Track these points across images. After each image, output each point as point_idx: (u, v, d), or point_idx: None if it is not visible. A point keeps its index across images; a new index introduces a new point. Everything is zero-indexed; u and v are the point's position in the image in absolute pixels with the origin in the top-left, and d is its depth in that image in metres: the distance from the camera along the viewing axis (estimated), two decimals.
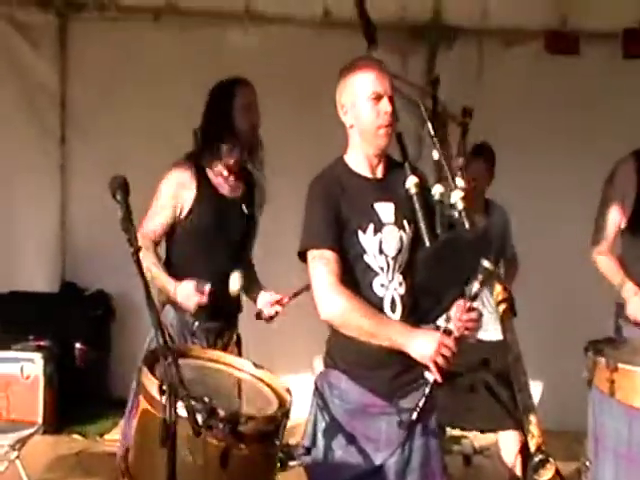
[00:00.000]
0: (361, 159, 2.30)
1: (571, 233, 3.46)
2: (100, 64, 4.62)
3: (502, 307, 3.40)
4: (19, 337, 4.27)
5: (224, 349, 2.85)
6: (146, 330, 2.58)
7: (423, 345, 2.12)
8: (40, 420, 4.06)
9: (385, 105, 2.24)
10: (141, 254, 2.75)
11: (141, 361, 2.21)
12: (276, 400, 2.21)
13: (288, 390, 2.24)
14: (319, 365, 2.50)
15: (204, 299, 2.74)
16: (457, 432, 3.88)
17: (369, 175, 2.31)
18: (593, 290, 3.35)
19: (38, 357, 4.17)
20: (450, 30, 4.52)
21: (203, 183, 2.90)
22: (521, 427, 3.32)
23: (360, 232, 2.22)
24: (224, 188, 2.97)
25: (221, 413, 1.93)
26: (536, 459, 3.36)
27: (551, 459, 3.33)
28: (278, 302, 2.95)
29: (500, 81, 4.44)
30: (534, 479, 3.33)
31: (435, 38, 4.53)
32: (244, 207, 3.01)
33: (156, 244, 2.91)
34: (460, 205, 2.33)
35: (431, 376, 2.14)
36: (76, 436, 4.22)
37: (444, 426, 3.75)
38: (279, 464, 3.88)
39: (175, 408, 1.94)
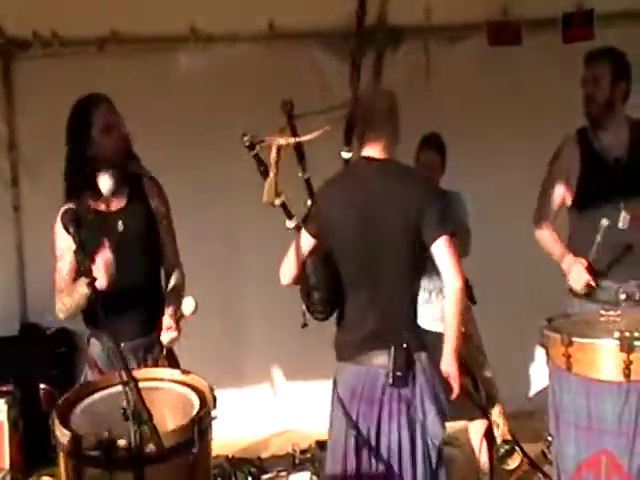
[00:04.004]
0: None
1: (525, 222, 3.83)
2: (47, 101, 4.79)
3: None
4: None
5: (155, 363, 3.14)
6: None
7: None
8: (7, 466, 4.38)
9: None
10: (57, 301, 3.16)
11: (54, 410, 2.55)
12: (198, 402, 2.59)
13: (212, 389, 2.65)
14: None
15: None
16: None
17: None
18: (553, 271, 3.71)
19: (1, 403, 4.47)
20: (395, 31, 4.89)
21: (83, 209, 3.08)
22: (487, 415, 3.67)
23: None
24: (102, 205, 3.19)
25: (121, 444, 2.28)
26: (502, 450, 3.71)
27: (517, 448, 3.68)
28: (170, 327, 3.12)
29: (447, 77, 4.81)
30: (502, 469, 3.67)
31: (381, 40, 4.88)
32: (120, 223, 3.18)
33: None
34: None
35: None
36: (46, 478, 4.44)
37: None
38: (250, 479, 4.28)
39: (140, 432, 2.26)
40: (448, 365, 3.03)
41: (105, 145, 3.15)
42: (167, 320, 3.12)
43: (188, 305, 3.10)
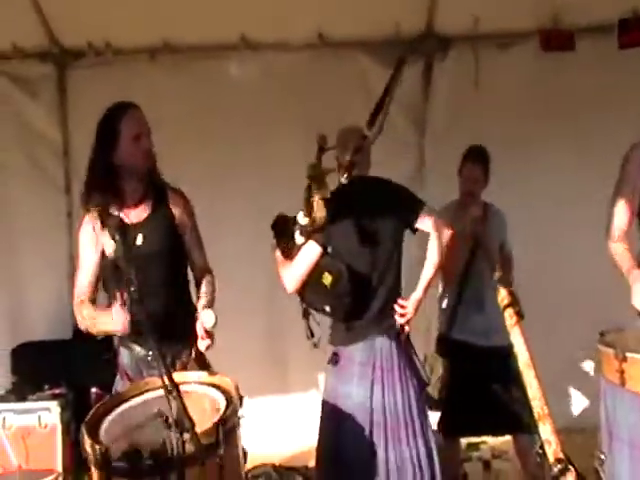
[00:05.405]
0: None
1: (573, 235, 3.71)
2: (100, 109, 4.84)
3: (508, 311, 3.69)
4: (35, 387, 4.61)
5: (184, 368, 3.08)
6: None
7: None
8: (60, 468, 4.37)
9: None
10: (76, 312, 3.13)
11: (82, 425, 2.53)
12: (224, 403, 2.59)
13: (237, 387, 2.66)
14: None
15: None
16: (476, 439, 4.16)
17: None
18: (604, 286, 3.59)
19: (54, 405, 4.48)
20: (444, 39, 4.86)
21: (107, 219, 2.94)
22: (534, 430, 3.57)
23: None
24: (127, 216, 3.10)
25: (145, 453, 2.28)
26: (555, 469, 3.57)
27: (570, 467, 3.56)
28: (202, 337, 3.05)
29: (497, 84, 4.76)
30: None
31: (430, 49, 4.87)
32: (140, 236, 3.11)
33: (93, 300, 3.16)
34: None
35: None
36: None
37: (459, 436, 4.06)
38: None
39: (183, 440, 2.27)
40: (419, 293, 3.49)
41: (133, 153, 3.09)
42: (199, 329, 3.06)
43: (209, 318, 3.08)
